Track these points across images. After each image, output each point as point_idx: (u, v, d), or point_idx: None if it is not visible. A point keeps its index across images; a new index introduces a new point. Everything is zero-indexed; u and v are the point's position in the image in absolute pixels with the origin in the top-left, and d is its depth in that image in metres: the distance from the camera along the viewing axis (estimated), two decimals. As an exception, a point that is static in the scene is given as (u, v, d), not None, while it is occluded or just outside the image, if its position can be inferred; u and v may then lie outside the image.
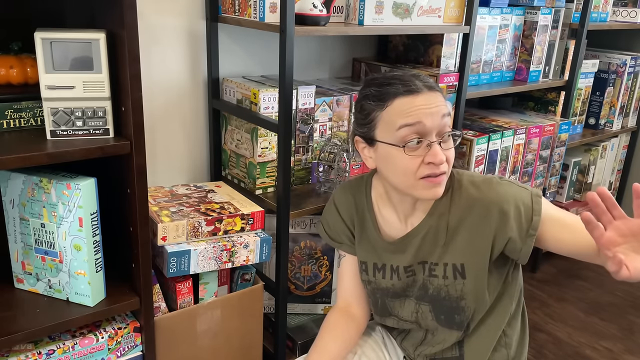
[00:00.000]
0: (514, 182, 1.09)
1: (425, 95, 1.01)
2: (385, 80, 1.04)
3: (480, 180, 1.10)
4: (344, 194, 1.23)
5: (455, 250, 1.08)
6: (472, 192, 1.08)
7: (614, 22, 2.44)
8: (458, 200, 1.08)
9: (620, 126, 2.65)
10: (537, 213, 1.04)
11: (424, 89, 1.02)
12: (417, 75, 1.05)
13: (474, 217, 1.06)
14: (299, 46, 1.83)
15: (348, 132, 1.71)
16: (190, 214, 1.37)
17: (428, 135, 1.01)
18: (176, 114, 1.65)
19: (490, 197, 1.06)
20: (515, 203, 1.05)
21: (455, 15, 1.69)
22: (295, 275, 1.72)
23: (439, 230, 1.09)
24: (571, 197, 2.62)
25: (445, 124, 1.02)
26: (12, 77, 1.17)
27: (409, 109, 1.00)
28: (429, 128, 1.00)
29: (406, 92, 1.01)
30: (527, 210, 1.04)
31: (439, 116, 1.01)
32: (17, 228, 1.17)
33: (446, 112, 1.02)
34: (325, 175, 1.63)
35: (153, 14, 1.53)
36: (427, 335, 1.19)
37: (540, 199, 1.06)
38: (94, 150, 1.08)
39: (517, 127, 2.00)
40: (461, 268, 1.08)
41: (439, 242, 1.10)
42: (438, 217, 1.09)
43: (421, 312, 1.15)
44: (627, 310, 2.23)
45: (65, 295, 1.18)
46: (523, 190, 1.07)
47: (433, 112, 1.00)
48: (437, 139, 1.01)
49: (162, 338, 1.32)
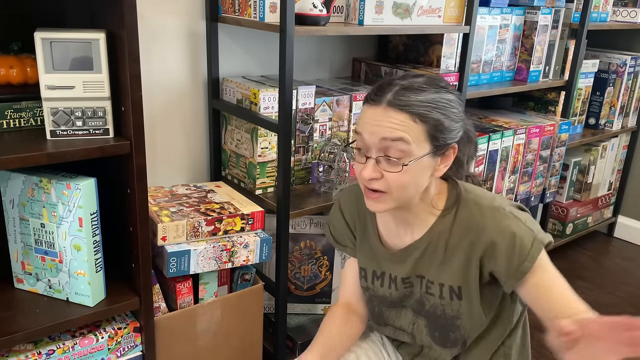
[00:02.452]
0: (522, 220, 1.02)
1: (379, 109, 0.96)
2: (375, 85, 1.03)
3: (486, 205, 1.05)
4: (349, 197, 1.22)
5: (452, 271, 1.07)
6: (474, 214, 1.04)
7: (614, 22, 2.44)
8: (460, 221, 1.05)
9: (620, 126, 2.65)
10: (531, 259, 1.00)
11: (383, 103, 0.96)
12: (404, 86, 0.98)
13: (469, 240, 1.04)
14: (299, 46, 1.83)
15: (348, 132, 1.71)
16: (190, 214, 1.37)
17: (367, 150, 0.98)
18: (176, 114, 1.65)
19: (487, 224, 1.02)
20: (511, 239, 1.00)
21: (455, 15, 1.69)
22: (295, 275, 1.72)
23: (437, 248, 1.07)
24: (571, 197, 2.62)
25: (386, 147, 0.95)
26: (12, 77, 1.17)
27: (361, 118, 1.00)
28: (367, 143, 0.98)
29: (368, 100, 0.99)
30: (522, 252, 1.00)
31: (378, 136, 0.96)
32: (17, 228, 1.17)
33: (392, 136, 0.95)
34: (325, 175, 1.63)
35: (153, 14, 1.53)
36: (423, 349, 1.19)
37: (542, 246, 1.00)
38: (94, 150, 1.08)
39: (517, 127, 2.00)
40: (458, 290, 1.07)
41: (436, 261, 1.08)
42: (438, 235, 1.07)
43: (417, 325, 1.15)
44: (627, 310, 2.23)
45: (65, 295, 1.18)
46: (527, 230, 1.01)
47: (373, 129, 0.96)
48: (375, 156, 0.98)
49: (162, 338, 1.32)
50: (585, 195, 2.65)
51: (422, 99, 0.96)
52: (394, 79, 1.00)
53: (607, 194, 2.80)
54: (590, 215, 2.72)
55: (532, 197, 2.17)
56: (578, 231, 2.67)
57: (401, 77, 1.02)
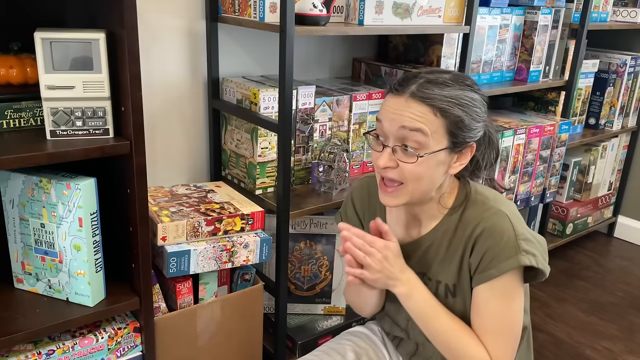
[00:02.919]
0: (518, 234, 1.01)
1: (401, 99, 0.98)
2: (402, 75, 1.04)
3: (492, 206, 1.04)
4: (361, 188, 1.24)
5: (449, 269, 1.07)
6: (477, 215, 1.04)
7: (614, 22, 2.44)
8: (465, 220, 1.06)
9: (620, 126, 2.65)
10: (500, 270, 1.00)
11: (406, 93, 0.98)
12: (429, 79, 0.99)
13: (466, 238, 1.05)
14: (299, 46, 1.83)
15: (348, 132, 1.71)
16: (190, 214, 1.37)
17: (386, 138, 1.00)
18: (176, 114, 1.65)
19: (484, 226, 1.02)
20: (494, 241, 1.00)
21: (455, 15, 1.69)
22: (295, 275, 1.72)
23: (441, 245, 1.08)
24: (571, 197, 2.62)
25: (404, 136, 0.97)
26: (12, 77, 1.17)
27: (383, 106, 1.01)
28: (385, 131, 0.99)
29: (392, 89, 1.01)
30: (497, 258, 1.00)
31: (397, 124, 0.97)
32: (16, 228, 1.17)
33: (410, 126, 0.96)
34: (325, 175, 1.63)
35: (153, 14, 1.53)
36: (418, 347, 1.19)
37: (516, 264, 0.99)
38: (94, 150, 1.08)
39: (517, 127, 2.00)
40: (452, 288, 1.08)
41: (437, 258, 1.09)
42: (443, 233, 1.08)
43: (412, 321, 1.15)
44: (627, 310, 2.23)
45: (65, 295, 1.18)
46: (515, 244, 1.00)
47: (394, 117, 0.98)
48: (394, 144, 0.99)
49: (162, 338, 1.32)
50: (585, 195, 2.65)
51: (446, 93, 0.98)
52: (421, 72, 1.02)
53: (607, 194, 2.80)
54: (590, 215, 2.72)
55: (532, 197, 2.17)
56: (578, 231, 2.67)
57: (429, 71, 1.03)
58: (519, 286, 1.03)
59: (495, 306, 1.03)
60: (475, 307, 1.05)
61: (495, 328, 1.03)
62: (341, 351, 1.22)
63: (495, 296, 1.02)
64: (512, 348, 1.04)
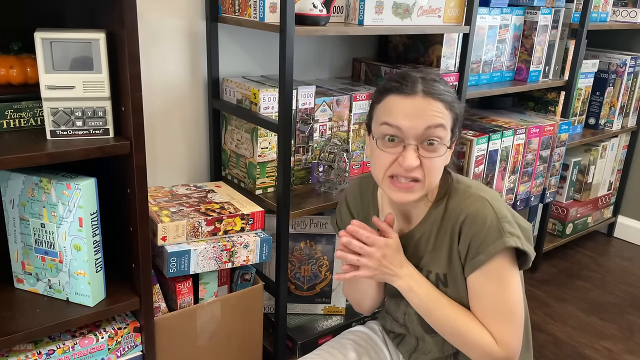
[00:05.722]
0: (500, 217, 1.02)
1: (416, 99, 0.99)
2: (395, 76, 1.05)
3: (473, 194, 1.07)
4: (354, 189, 1.26)
5: (439, 258, 1.09)
6: (460, 203, 1.06)
7: (614, 22, 2.44)
8: (450, 210, 1.08)
9: (620, 126, 2.65)
10: (488, 254, 1.01)
11: (419, 93, 0.99)
12: (427, 78, 1.02)
13: (452, 227, 1.06)
14: (299, 46, 1.83)
15: (348, 132, 1.71)
16: (190, 214, 1.37)
17: (406, 138, 1.00)
18: (176, 114, 1.65)
19: (468, 212, 1.04)
20: (478, 227, 1.02)
21: (455, 15, 1.69)
22: (295, 275, 1.72)
23: (430, 236, 1.10)
24: (571, 197, 2.62)
25: (428, 134, 0.99)
26: (12, 77, 1.17)
27: (394, 108, 1.01)
28: (405, 132, 0.99)
29: (400, 91, 1.01)
30: (483, 243, 1.01)
31: (424, 124, 0.99)
32: (17, 228, 1.17)
33: (434, 124, 0.99)
34: (325, 175, 1.63)
35: (153, 14, 1.53)
36: (418, 343, 1.20)
37: (502, 246, 1.00)
38: (94, 150, 1.08)
39: (517, 127, 2.00)
40: (444, 277, 1.09)
41: (428, 248, 1.10)
42: (431, 224, 1.10)
43: (408, 314, 1.17)
44: (627, 310, 2.23)
45: (65, 295, 1.18)
46: (498, 227, 1.01)
47: (417, 119, 0.99)
48: (415, 143, 1.00)
49: (162, 338, 1.32)
50: (585, 195, 2.65)
51: (446, 89, 1.03)
52: (411, 72, 1.04)
53: (607, 194, 2.80)
54: (590, 215, 2.72)
55: (532, 197, 2.17)
56: (578, 231, 2.67)
57: (416, 70, 1.06)
58: (513, 269, 1.04)
59: (491, 290, 1.04)
60: (473, 295, 1.06)
61: (495, 311, 1.04)
62: (342, 350, 1.22)
63: (489, 280, 1.04)
64: (515, 330, 1.04)
